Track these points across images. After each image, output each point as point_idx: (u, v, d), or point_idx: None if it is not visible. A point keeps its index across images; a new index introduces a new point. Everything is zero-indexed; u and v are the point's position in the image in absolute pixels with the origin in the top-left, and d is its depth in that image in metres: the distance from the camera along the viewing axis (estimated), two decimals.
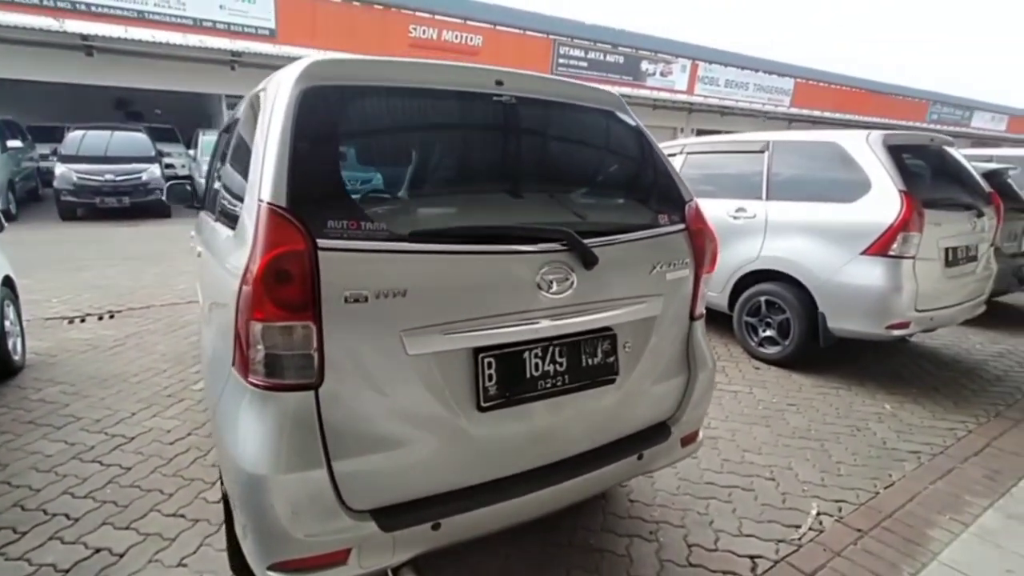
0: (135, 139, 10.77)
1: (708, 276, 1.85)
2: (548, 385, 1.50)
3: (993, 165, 5.01)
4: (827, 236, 3.61)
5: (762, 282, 3.98)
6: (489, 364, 1.40)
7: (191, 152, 13.00)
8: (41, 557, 1.94)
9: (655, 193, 1.82)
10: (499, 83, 1.55)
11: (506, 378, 1.43)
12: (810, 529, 2.22)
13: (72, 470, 2.46)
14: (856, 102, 25.68)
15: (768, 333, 3.96)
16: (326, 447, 1.25)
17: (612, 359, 1.61)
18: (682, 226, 1.79)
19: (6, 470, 2.45)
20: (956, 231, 3.58)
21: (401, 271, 1.27)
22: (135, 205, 9.94)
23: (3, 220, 3.04)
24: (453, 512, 1.38)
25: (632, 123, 1.86)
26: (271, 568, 1.27)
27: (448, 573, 1.89)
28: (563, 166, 1.76)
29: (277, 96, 1.35)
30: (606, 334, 1.59)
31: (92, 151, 10.04)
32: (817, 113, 24.24)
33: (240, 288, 1.21)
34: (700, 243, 1.81)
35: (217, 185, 2.25)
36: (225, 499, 1.92)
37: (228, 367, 1.35)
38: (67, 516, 2.16)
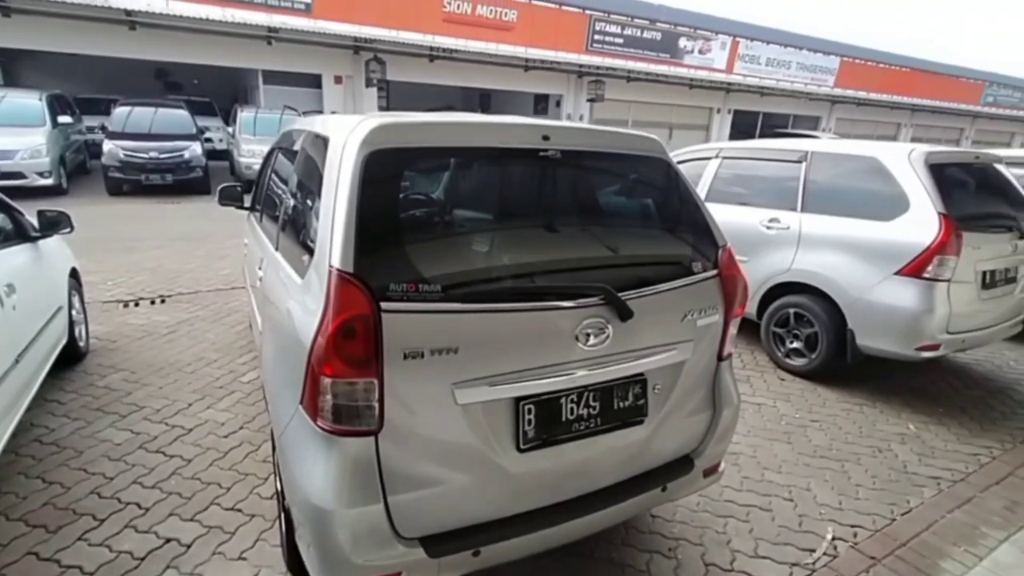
0: (178, 116, 11.07)
1: (737, 319, 1.93)
2: (582, 427, 1.62)
3: None
4: (861, 253, 3.60)
5: (792, 294, 4.00)
6: (529, 410, 1.53)
7: (229, 129, 13.27)
8: (119, 544, 2.17)
9: (690, 239, 1.89)
10: (545, 138, 1.63)
11: (544, 422, 1.56)
12: (824, 554, 2.33)
13: (139, 460, 2.70)
14: (905, 83, 24.54)
15: (795, 345, 4.00)
16: (383, 484, 1.40)
17: (642, 402, 1.72)
18: (715, 272, 1.87)
19: (81, 457, 2.70)
20: (995, 253, 3.53)
21: (454, 329, 1.40)
22: (177, 182, 10.29)
23: (72, 221, 3.26)
24: (492, 540, 1.53)
25: (672, 167, 1.92)
26: None
27: None
28: (604, 216, 1.85)
29: (343, 159, 1.46)
30: (637, 379, 1.70)
31: (137, 128, 10.37)
32: (863, 94, 23.27)
33: (314, 341, 1.35)
34: (732, 288, 1.88)
35: (276, 205, 2.40)
36: (278, 499, 2.11)
37: (295, 402, 1.51)
38: (138, 505, 2.39)
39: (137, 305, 4.84)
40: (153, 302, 4.92)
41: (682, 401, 1.84)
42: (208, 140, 12.82)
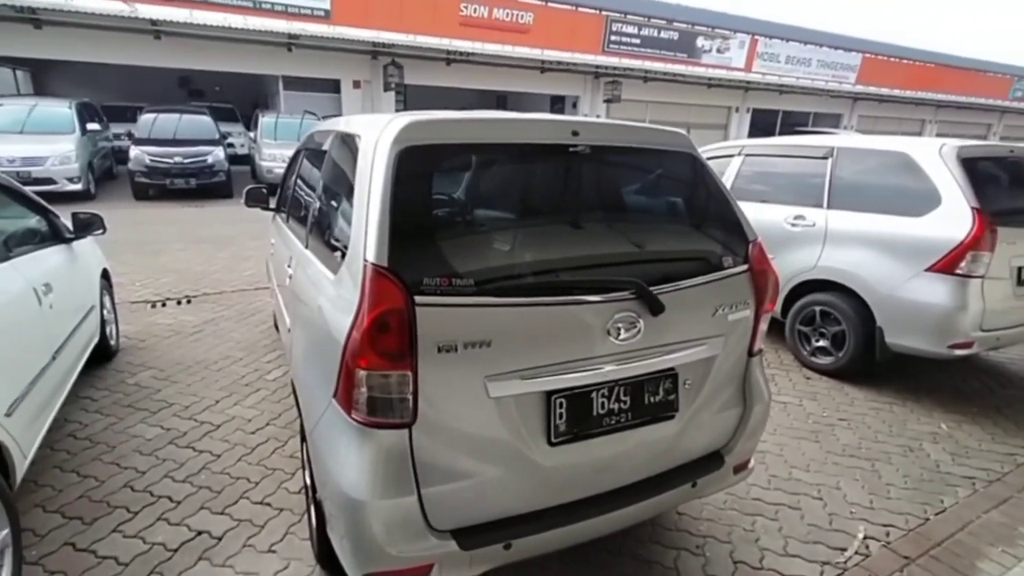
0: (201, 122, 11.31)
1: (768, 314, 1.91)
2: (612, 422, 1.62)
3: None
4: (890, 250, 3.54)
5: (818, 291, 3.94)
6: (560, 404, 1.53)
7: (251, 134, 13.49)
8: (153, 536, 2.22)
9: (721, 234, 1.88)
10: (575, 133, 1.64)
11: (575, 416, 1.56)
12: (856, 553, 2.28)
13: (170, 455, 2.76)
14: (930, 79, 24.03)
15: (821, 343, 3.93)
16: (416, 476, 1.41)
17: (673, 397, 1.71)
18: (745, 267, 1.85)
19: (114, 451, 2.77)
20: None
21: (487, 323, 1.40)
22: (201, 186, 10.50)
23: (104, 222, 3.34)
24: (523, 534, 1.53)
25: (700, 163, 1.91)
26: None
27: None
28: (635, 211, 1.84)
29: (376, 156, 1.48)
30: (668, 374, 1.69)
31: (162, 134, 10.62)
32: (885, 91, 22.84)
33: (349, 335, 1.37)
34: (763, 283, 1.86)
35: (304, 204, 2.44)
36: (307, 493, 2.14)
37: (328, 396, 1.53)
38: (170, 499, 2.44)
39: (164, 305, 4.93)
40: (180, 302, 5.02)
41: (713, 397, 1.82)
42: (230, 145, 13.05)
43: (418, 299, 1.34)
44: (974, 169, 3.40)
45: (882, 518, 2.50)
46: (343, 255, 1.55)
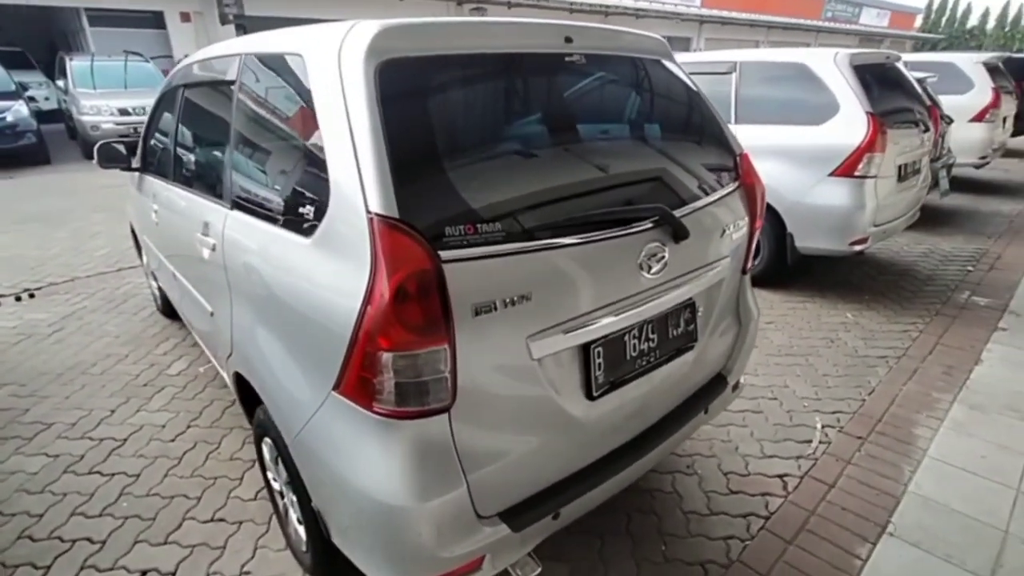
0: None
1: (759, 230, 1.87)
2: (643, 363, 1.50)
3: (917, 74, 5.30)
4: (796, 159, 3.74)
5: None
6: (599, 354, 1.37)
7: (60, 83, 10.99)
8: None
9: (714, 148, 1.77)
10: (568, 40, 1.40)
11: (611, 364, 1.41)
12: (820, 443, 2.47)
13: (70, 486, 2.22)
14: (760, 1, 25.97)
15: None
16: (462, 465, 1.19)
17: (692, 327, 1.63)
18: (737, 183, 1.77)
19: None
20: (908, 147, 3.82)
21: (524, 272, 1.18)
22: (5, 152, 8.44)
23: None
24: (569, 499, 1.40)
25: (681, 72, 1.76)
26: None
27: None
28: (630, 128, 1.65)
29: (344, 77, 1.13)
30: (687, 304, 1.59)
31: None
32: (725, 13, 24.38)
33: (362, 313, 1.07)
34: (754, 197, 1.81)
35: (210, 155, 1.94)
36: (271, 497, 1.83)
37: (324, 391, 1.23)
38: (90, 540, 1.97)
39: None
40: (19, 298, 4.04)
41: (719, 320, 1.78)
42: (32, 99, 10.58)
43: (443, 254, 1.08)
44: (864, 76, 3.65)
45: (830, 406, 2.73)
46: (318, 212, 1.21)
